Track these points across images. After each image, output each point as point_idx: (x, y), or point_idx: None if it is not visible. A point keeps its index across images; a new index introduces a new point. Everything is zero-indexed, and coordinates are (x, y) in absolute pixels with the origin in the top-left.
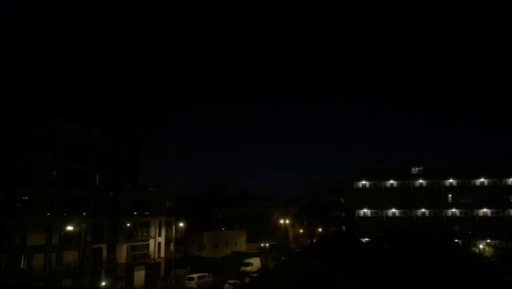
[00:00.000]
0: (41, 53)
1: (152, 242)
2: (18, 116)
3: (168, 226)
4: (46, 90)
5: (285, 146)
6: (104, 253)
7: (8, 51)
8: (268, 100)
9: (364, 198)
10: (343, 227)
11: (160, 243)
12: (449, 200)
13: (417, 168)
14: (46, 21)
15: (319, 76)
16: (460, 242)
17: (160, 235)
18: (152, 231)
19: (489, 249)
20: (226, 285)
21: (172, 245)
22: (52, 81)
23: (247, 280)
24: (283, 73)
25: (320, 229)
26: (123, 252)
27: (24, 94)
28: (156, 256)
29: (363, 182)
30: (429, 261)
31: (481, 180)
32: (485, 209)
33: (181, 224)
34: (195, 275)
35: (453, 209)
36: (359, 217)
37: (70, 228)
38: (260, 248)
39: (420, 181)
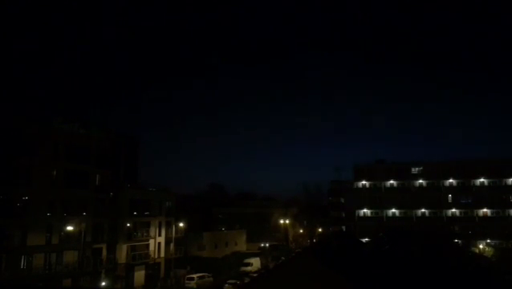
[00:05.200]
0: (40, 53)
1: (152, 242)
2: (18, 116)
3: (168, 226)
4: (46, 90)
5: (285, 146)
6: (104, 253)
7: (8, 51)
8: (267, 100)
9: (364, 198)
10: (343, 227)
11: (160, 243)
12: (449, 200)
13: (417, 168)
14: (46, 20)
15: (319, 74)
16: (460, 242)
17: (160, 235)
18: (152, 231)
19: (489, 249)
20: (226, 285)
21: (172, 245)
22: (52, 81)
23: (247, 280)
24: (283, 70)
25: (320, 230)
26: (123, 252)
27: (24, 94)
28: (156, 256)
29: (363, 182)
30: (429, 261)
31: (481, 180)
32: (485, 209)
33: (181, 224)
34: (195, 275)
35: (453, 209)
36: (359, 217)
37: (70, 228)
38: (260, 248)
39: (420, 181)
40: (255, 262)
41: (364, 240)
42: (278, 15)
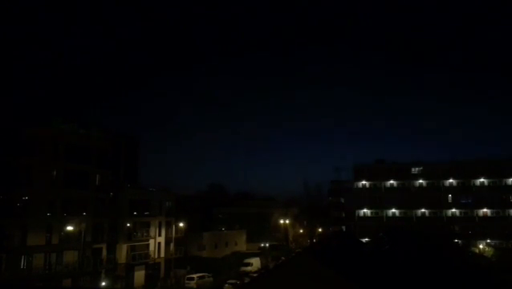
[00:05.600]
0: (40, 53)
1: (152, 242)
2: (18, 116)
3: (168, 226)
4: (46, 90)
5: (285, 146)
6: (104, 253)
7: (8, 51)
8: (267, 99)
9: (364, 198)
10: (343, 227)
11: (160, 243)
12: (449, 200)
13: (417, 168)
14: (46, 20)
15: (318, 75)
16: (460, 242)
17: (160, 235)
18: (152, 231)
19: (489, 249)
20: (226, 285)
21: (172, 245)
22: (52, 81)
23: (247, 280)
24: (283, 70)
25: (320, 230)
26: (123, 252)
27: (24, 94)
28: (156, 256)
29: (363, 182)
30: (429, 261)
31: (481, 180)
32: (485, 209)
33: (181, 224)
34: (195, 275)
35: (453, 209)
36: (359, 217)
37: (70, 228)
38: (260, 248)
39: (420, 181)
40: (255, 262)
41: (364, 240)
42: (278, 11)
